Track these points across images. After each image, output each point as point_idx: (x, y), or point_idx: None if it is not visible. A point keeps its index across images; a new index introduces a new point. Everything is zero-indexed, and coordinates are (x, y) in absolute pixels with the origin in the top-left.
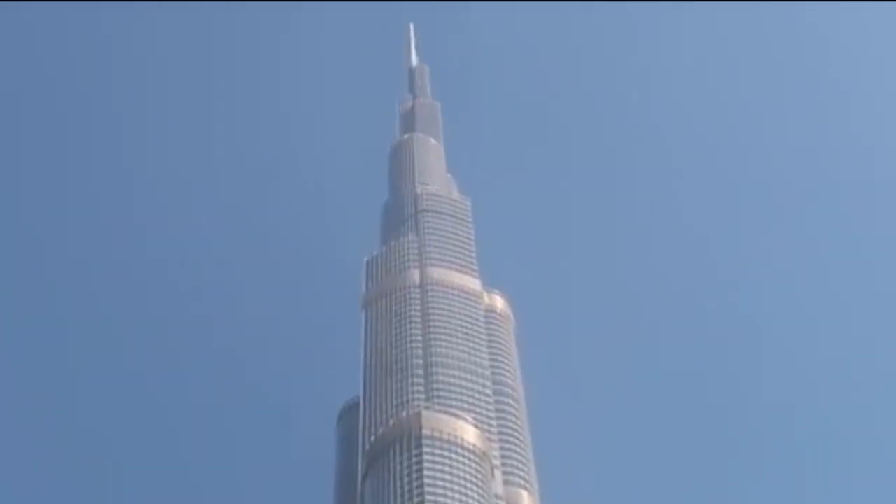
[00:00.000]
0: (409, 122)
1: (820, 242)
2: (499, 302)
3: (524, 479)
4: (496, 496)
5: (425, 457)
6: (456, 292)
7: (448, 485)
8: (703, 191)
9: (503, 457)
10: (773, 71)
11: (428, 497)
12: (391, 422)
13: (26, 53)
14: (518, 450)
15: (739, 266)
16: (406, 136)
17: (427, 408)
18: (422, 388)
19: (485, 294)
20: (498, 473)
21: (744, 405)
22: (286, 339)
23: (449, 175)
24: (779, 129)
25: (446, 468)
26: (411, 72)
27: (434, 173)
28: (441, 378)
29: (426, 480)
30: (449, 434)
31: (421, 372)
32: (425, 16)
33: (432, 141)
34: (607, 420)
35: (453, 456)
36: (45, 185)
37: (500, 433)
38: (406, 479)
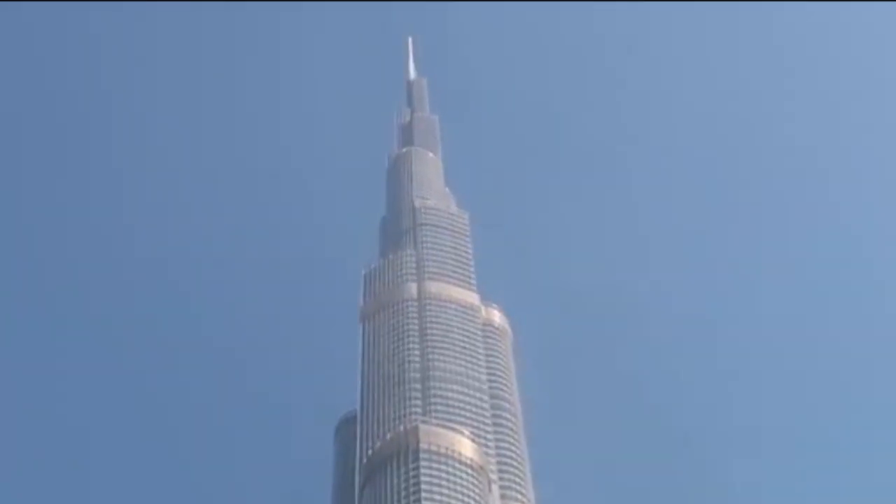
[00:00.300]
0: (407, 135)
1: (819, 242)
2: (496, 316)
3: (521, 493)
4: None
5: (422, 471)
6: (453, 306)
7: (445, 499)
8: (703, 194)
9: (500, 471)
10: (772, 71)
11: None
12: (388, 435)
13: (26, 53)
14: (515, 464)
15: (739, 268)
16: (404, 150)
17: (424, 422)
18: (419, 402)
19: (482, 308)
20: (495, 488)
21: (744, 413)
22: (284, 350)
23: (447, 189)
24: (778, 128)
25: (443, 482)
26: (409, 85)
27: (432, 187)
28: (438, 392)
29: (423, 494)
30: (446, 448)
31: (418, 386)
32: (424, 29)
33: (430, 155)
34: (605, 434)
35: (450, 470)
36: (43, 185)
37: (498, 447)
38: (403, 493)
